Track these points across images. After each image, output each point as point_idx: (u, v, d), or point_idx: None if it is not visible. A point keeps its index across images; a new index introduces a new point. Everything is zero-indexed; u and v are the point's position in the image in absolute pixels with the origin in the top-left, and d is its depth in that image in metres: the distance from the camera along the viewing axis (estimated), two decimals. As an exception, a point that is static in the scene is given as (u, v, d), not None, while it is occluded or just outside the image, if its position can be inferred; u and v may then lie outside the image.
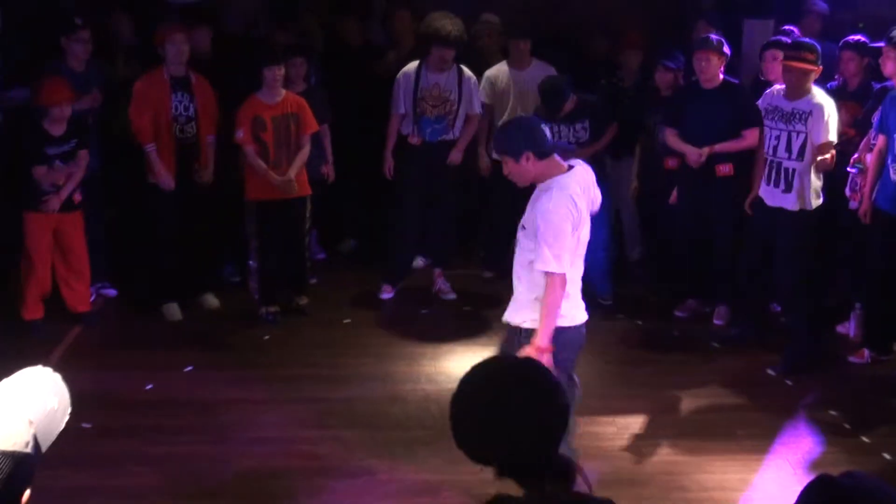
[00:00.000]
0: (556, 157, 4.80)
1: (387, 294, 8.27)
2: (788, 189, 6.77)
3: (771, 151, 6.84)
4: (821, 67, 6.73)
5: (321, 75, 8.57)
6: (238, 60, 8.10)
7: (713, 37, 7.39)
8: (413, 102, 7.94)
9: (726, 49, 7.34)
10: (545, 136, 4.79)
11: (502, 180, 8.19)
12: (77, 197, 7.42)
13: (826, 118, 6.61)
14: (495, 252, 8.63)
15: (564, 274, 4.67)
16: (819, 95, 6.71)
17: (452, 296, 8.30)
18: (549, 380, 2.48)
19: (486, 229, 8.82)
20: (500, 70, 8.41)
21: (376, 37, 9.33)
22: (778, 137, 6.79)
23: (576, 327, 4.87)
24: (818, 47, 6.77)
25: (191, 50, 7.54)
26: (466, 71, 8.05)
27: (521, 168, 4.77)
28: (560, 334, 4.72)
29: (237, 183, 7.73)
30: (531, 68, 8.36)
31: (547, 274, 4.65)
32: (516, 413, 2.37)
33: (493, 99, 8.36)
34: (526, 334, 4.76)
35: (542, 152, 4.74)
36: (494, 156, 8.39)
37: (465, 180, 8.52)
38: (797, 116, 6.69)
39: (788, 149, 6.74)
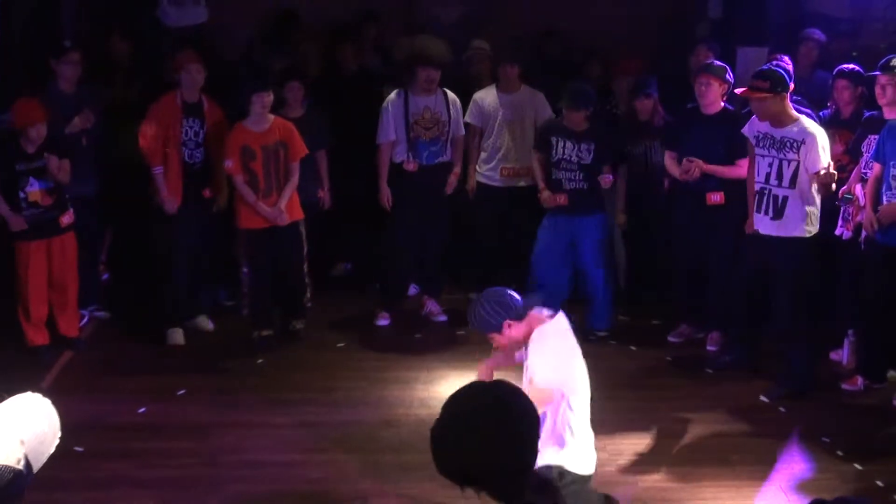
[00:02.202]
0: (533, 311, 4.73)
1: (384, 321, 8.25)
2: (778, 216, 6.77)
3: (763, 179, 6.84)
4: (783, 94, 6.69)
5: (316, 100, 8.61)
6: (233, 86, 8.15)
7: (717, 63, 7.42)
8: (406, 128, 7.96)
9: (729, 76, 7.37)
10: (514, 298, 4.72)
11: (487, 203, 8.23)
12: (65, 219, 7.39)
13: (820, 147, 6.62)
14: (481, 274, 8.66)
15: (554, 392, 4.60)
16: (809, 124, 6.70)
17: (443, 318, 8.31)
18: (523, 401, 2.52)
19: (472, 252, 8.83)
20: (488, 93, 8.46)
21: (371, 62, 9.37)
22: (770, 165, 6.79)
23: (588, 477, 4.77)
24: (781, 73, 6.73)
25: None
26: (451, 94, 8.09)
27: (507, 337, 4.71)
28: (571, 485, 4.59)
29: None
30: (519, 93, 8.42)
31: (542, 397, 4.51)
32: (489, 431, 2.42)
33: (481, 121, 8.40)
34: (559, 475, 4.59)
35: (519, 315, 4.69)
36: (481, 179, 8.47)
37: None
38: (789, 145, 6.69)
39: (779, 176, 6.74)
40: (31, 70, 8.20)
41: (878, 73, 7.08)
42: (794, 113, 6.74)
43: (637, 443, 6.26)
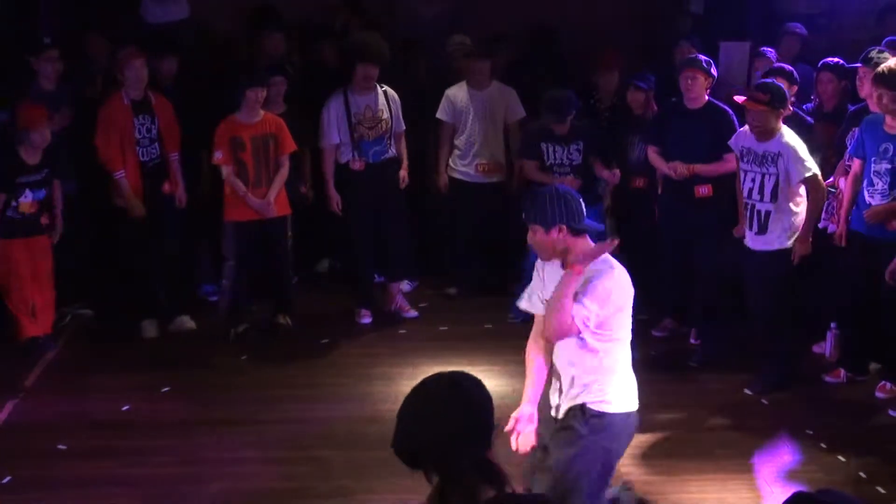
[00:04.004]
0: (588, 238, 4.55)
1: (366, 319, 8.23)
2: (762, 231, 6.76)
3: (746, 194, 6.84)
4: (780, 110, 6.68)
5: (297, 96, 8.61)
6: (213, 82, 8.13)
7: (702, 57, 7.43)
8: (349, 129, 7.89)
9: (714, 70, 7.37)
10: (582, 212, 4.52)
11: (463, 198, 8.22)
12: (44, 219, 7.38)
13: (797, 156, 6.58)
14: (460, 269, 8.67)
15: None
16: (787, 135, 6.68)
17: (413, 313, 8.30)
18: (480, 390, 2.76)
19: (450, 247, 8.84)
20: (459, 89, 8.47)
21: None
22: (753, 180, 6.77)
23: (627, 414, 4.60)
24: (781, 89, 6.71)
25: (157, 75, 7.66)
26: (390, 90, 8.03)
27: (549, 239, 4.48)
28: (611, 424, 4.47)
29: (210, 200, 7.74)
30: (490, 89, 8.42)
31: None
32: (442, 415, 2.66)
33: (453, 118, 8.40)
34: (588, 413, 4.47)
35: (576, 229, 4.49)
36: (455, 175, 8.46)
37: (415, 199, 8.59)
38: (768, 158, 6.68)
39: (761, 191, 6.73)
40: (11, 67, 8.15)
41: (859, 65, 7.12)
42: (779, 127, 6.73)
43: (621, 437, 6.25)
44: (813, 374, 7.18)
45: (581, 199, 4.57)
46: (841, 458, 6.04)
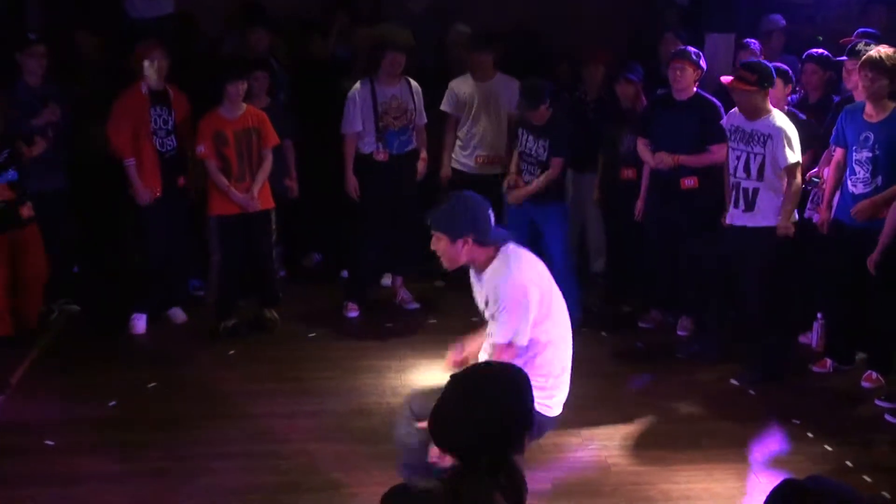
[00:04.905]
0: (497, 245, 4.58)
1: (353, 312, 8.23)
2: (749, 208, 6.80)
3: (732, 171, 6.88)
4: (767, 88, 6.71)
5: (289, 91, 8.62)
6: (204, 78, 8.11)
7: (691, 49, 7.44)
8: (375, 118, 7.93)
9: (702, 63, 7.38)
10: (490, 220, 4.55)
11: (461, 190, 8.16)
12: (25, 211, 7.30)
13: (786, 141, 6.64)
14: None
15: (514, 348, 4.50)
16: (779, 119, 6.72)
17: (415, 305, 8.33)
18: (523, 384, 2.64)
19: None
20: (464, 81, 8.46)
21: (341, 52, 9.35)
22: (738, 158, 6.82)
23: (555, 418, 4.74)
24: (768, 68, 6.76)
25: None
26: (413, 82, 8.08)
27: (454, 250, 4.53)
28: (540, 423, 4.51)
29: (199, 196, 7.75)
30: (494, 81, 8.41)
31: (495, 347, 4.49)
32: (484, 405, 2.54)
33: (457, 109, 8.40)
34: None
35: (482, 240, 4.52)
36: (456, 167, 8.46)
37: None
38: (756, 138, 6.71)
39: (747, 169, 6.77)
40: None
41: (845, 58, 7.15)
42: (769, 107, 6.76)
43: (609, 427, 6.28)
44: (800, 365, 7.20)
45: (489, 208, 4.59)
46: (827, 447, 6.06)
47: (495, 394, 2.54)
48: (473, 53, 8.47)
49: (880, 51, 6.56)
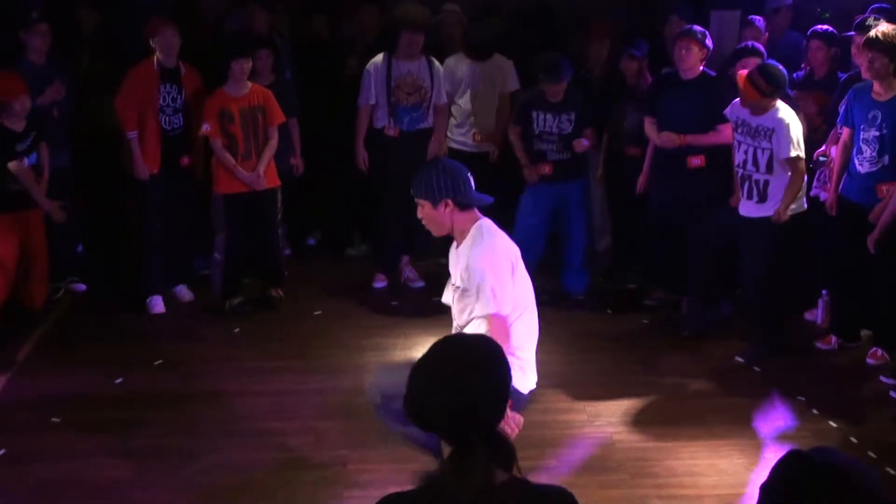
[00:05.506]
0: (476, 211, 4.66)
1: (380, 283, 8.32)
2: (762, 200, 6.75)
3: (741, 165, 6.84)
4: (776, 97, 6.67)
5: (293, 70, 8.60)
6: (209, 56, 8.10)
7: (697, 28, 7.41)
8: (387, 92, 7.94)
9: (708, 42, 7.35)
10: (469, 183, 4.62)
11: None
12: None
13: (787, 135, 6.58)
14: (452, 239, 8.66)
15: (506, 318, 4.54)
16: (783, 111, 6.67)
17: (420, 283, 8.34)
18: (501, 357, 2.57)
19: None
20: (459, 60, 8.44)
21: (346, 31, 9.32)
22: (746, 152, 6.78)
23: (529, 394, 4.76)
24: (784, 78, 6.68)
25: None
26: (435, 61, 8.08)
27: (437, 215, 4.62)
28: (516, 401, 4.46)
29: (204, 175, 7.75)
30: (490, 60, 8.40)
31: (490, 318, 4.51)
32: (459, 381, 2.47)
33: (452, 87, 8.39)
34: None
35: (463, 203, 4.59)
36: (453, 145, 8.45)
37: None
38: (762, 133, 6.67)
39: (755, 163, 6.74)
40: (1, 43, 8.12)
41: (853, 33, 7.11)
42: (774, 103, 6.70)
43: (614, 404, 6.28)
44: (804, 342, 7.21)
45: (469, 173, 4.64)
46: (832, 423, 6.07)
47: (475, 365, 2.49)
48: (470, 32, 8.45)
49: (879, 30, 6.51)
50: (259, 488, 5.32)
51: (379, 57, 8.02)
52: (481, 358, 2.53)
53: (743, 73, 6.75)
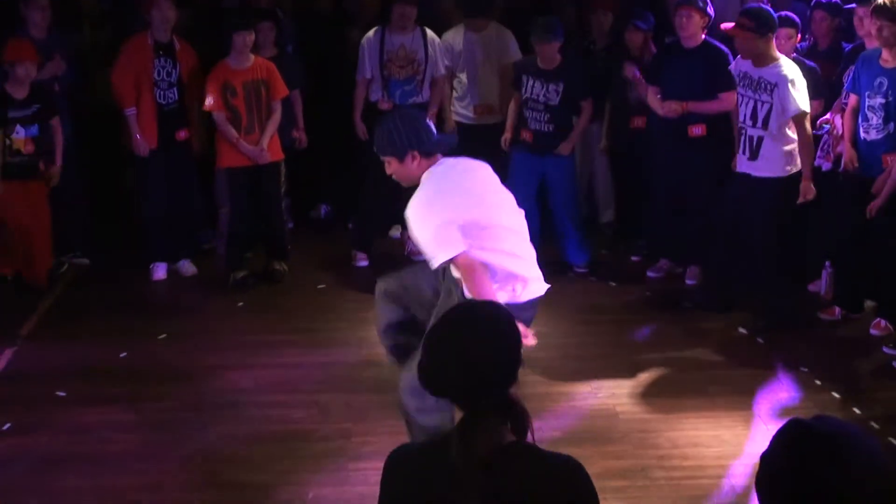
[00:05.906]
0: (438, 156, 4.51)
1: (362, 262, 8.25)
2: (754, 157, 6.76)
3: (742, 118, 6.83)
4: (768, 35, 6.63)
5: (295, 44, 8.57)
6: (211, 29, 8.08)
7: None
8: (380, 66, 7.95)
9: (709, 9, 7.32)
10: (431, 130, 4.49)
11: (463, 140, 8.22)
12: (42, 166, 7.37)
13: (792, 89, 6.57)
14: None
15: (466, 252, 4.37)
16: (786, 66, 6.65)
17: (423, 256, 8.29)
18: (510, 322, 2.55)
19: None
20: (457, 32, 8.41)
21: (347, 5, 9.29)
22: (746, 104, 6.78)
23: (535, 302, 4.65)
24: (769, 13, 6.68)
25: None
26: (430, 33, 8.08)
27: (406, 168, 4.48)
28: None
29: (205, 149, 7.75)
30: (488, 31, 8.38)
31: (455, 262, 4.39)
32: (475, 346, 2.46)
33: (452, 61, 8.36)
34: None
35: (428, 151, 4.46)
36: (456, 118, 8.42)
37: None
38: (763, 86, 6.67)
39: (754, 117, 6.73)
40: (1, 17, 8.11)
41: (855, 5, 7.07)
42: (776, 54, 6.69)
43: (617, 376, 6.29)
44: (808, 312, 7.20)
45: (426, 118, 4.56)
46: (835, 394, 6.08)
47: (484, 331, 2.49)
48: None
49: None
50: (263, 461, 5.34)
51: (374, 30, 8.02)
52: (490, 324, 2.52)
53: (727, 25, 6.79)
